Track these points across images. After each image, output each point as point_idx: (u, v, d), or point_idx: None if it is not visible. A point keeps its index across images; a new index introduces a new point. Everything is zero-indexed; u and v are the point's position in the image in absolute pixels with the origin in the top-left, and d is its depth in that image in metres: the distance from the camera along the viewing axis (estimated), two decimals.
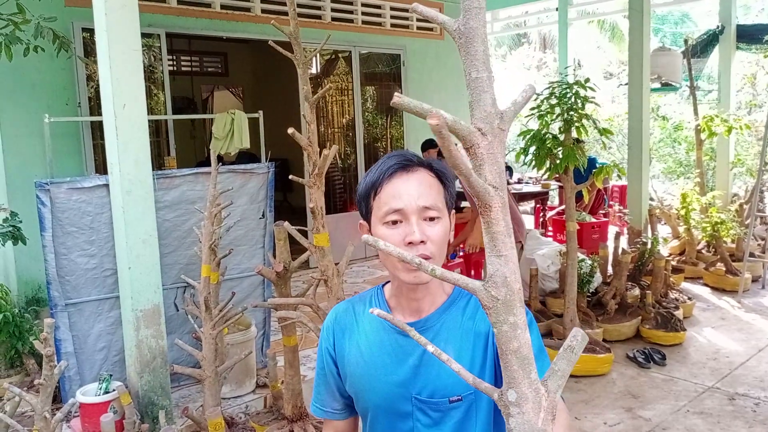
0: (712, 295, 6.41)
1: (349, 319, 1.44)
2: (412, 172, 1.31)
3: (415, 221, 1.27)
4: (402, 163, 1.32)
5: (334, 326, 1.45)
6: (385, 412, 1.37)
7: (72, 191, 3.64)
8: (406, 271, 1.29)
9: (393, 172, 1.31)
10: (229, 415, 3.88)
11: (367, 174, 1.37)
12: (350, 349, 1.41)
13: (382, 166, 1.34)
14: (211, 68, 12.36)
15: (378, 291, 1.46)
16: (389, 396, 1.35)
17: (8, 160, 5.54)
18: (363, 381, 1.38)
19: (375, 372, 1.36)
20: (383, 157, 1.38)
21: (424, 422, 1.33)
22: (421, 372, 1.32)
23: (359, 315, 1.44)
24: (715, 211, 6.91)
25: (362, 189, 1.36)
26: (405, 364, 1.33)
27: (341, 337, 1.43)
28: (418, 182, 1.30)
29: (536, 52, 17.32)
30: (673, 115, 11.68)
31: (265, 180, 4.25)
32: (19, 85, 5.55)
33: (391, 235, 1.28)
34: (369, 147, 8.68)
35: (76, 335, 3.90)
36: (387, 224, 1.29)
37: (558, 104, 4.93)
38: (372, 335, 1.39)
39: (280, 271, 3.15)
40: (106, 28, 3.37)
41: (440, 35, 9.04)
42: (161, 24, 6.41)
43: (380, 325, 1.38)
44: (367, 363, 1.38)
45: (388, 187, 1.31)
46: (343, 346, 1.42)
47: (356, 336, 1.41)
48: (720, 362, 4.77)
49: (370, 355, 1.37)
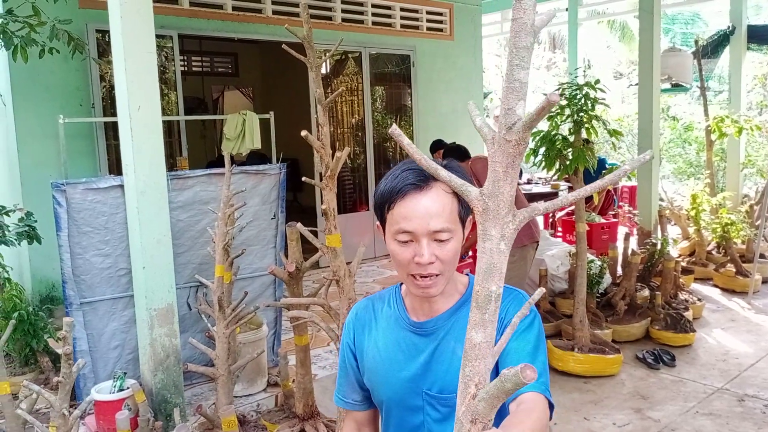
0: (722, 297, 6.40)
1: (368, 316, 1.51)
2: (425, 191, 1.30)
3: (425, 243, 1.29)
4: (416, 182, 1.31)
5: (354, 322, 1.53)
6: (397, 405, 1.43)
7: (87, 192, 3.69)
8: (416, 286, 1.33)
9: (407, 192, 1.30)
10: (241, 414, 3.93)
11: (383, 181, 1.38)
12: (368, 344, 1.48)
13: (397, 181, 1.33)
14: (221, 68, 12.43)
15: (396, 290, 1.51)
16: (401, 390, 1.41)
17: (23, 160, 5.61)
18: (378, 375, 1.44)
19: (389, 367, 1.42)
20: (399, 167, 1.37)
21: (434, 417, 1.39)
22: (432, 368, 1.37)
23: (378, 312, 1.50)
24: (725, 212, 6.90)
25: (378, 197, 1.37)
26: (416, 360, 1.39)
27: (361, 332, 1.50)
28: (431, 202, 1.29)
29: (546, 52, 17.29)
30: (683, 116, 11.65)
31: (277, 181, 4.29)
32: (34, 86, 5.63)
33: (401, 252, 1.32)
34: (378, 147, 8.72)
35: (91, 334, 3.96)
36: (398, 242, 1.32)
37: (568, 105, 4.95)
38: (388, 332, 1.45)
39: (293, 271, 3.19)
40: (122, 32, 3.42)
41: (450, 36, 9.07)
42: (174, 25, 6.47)
43: (396, 323, 1.45)
44: (383, 358, 1.44)
45: (400, 206, 1.31)
46: (362, 341, 1.49)
47: (374, 332, 1.48)
48: (729, 363, 4.77)
49: (386, 351, 1.44)
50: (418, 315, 1.43)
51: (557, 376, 4.62)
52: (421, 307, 1.42)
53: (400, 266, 1.35)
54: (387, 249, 1.38)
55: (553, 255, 5.93)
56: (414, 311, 1.44)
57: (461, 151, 5.17)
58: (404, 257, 1.31)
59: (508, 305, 1.38)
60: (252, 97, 12.71)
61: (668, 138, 11.06)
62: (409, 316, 1.44)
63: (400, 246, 1.32)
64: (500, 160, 0.77)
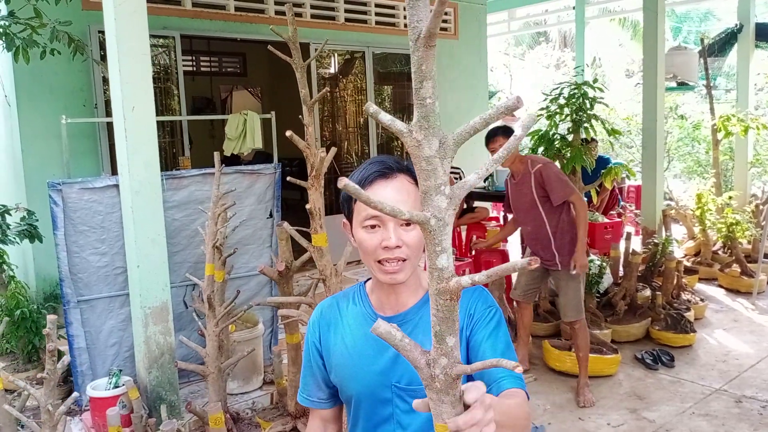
0: (726, 297, 6.35)
1: (333, 314, 1.53)
2: (391, 179, 1.38)
3: (392, 227, 1.35)
4: (382, 170, 1.39)
5: (319, 321, 1.55)
6: (367, 399, 1.46)
7: (83, 191, 3.74)
8: (383, 272, 1.37)
9: (373, 179, 1.38)
10: (236, 411, 3.96)
11: (351, 176, 1.43)
12: (335, 342, 1.50)
13: (363, 172, 1.41)
14: (230, 68, 12.52)
15: (360, 287, 1.54)
16: (371, 384, 1.44)
17: (27, 160, 5.69)
18: (347, 370, 1.47)
19: (358, 361, 1.45)
20: (365, 163, 1.45)
21: (402, 408, 1.42)
22: (400, 361, 1.40)
23: (343, 310, 1.53)
24: (730, 212, 6.84)
25: (344, 192, 1.42)
26: (385, 354, 1.42)
27: (326, 331, 1.52)
28: (397, 190, 1.37)
29: (555, 51, 17.21)
30: (692, 114, 11.54)
31: (273, 180, 4.32)
32: (37, 87, 5.70)
33: (369, 239, 1.37)
34: (383, 146, 8.73)
35: (89, 331, 4.01)
36: (366, 228, 1.37)
37: (567, 104, 4.94)
38: (356, 328, 1.48)
39: (282, 271, 3.22)
40: (116, 33, 3.46)
41: (455, 35, 9.06)
42: (176, 26, 6.52)
43: (363, 319, 1.48)
44: (351, 354, 1.47)
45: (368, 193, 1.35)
46: (328, 339, 1.51)
47: (341, 330, 1.50)
48: (729, 364, 4.74)
49: (354, 347, 1.46)
50: (384, 310, 1.46)
51: (554, 375, 4.61)
52: (388, 301, 1.45)
53: (367, 254, 1.39)
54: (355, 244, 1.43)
55: None
56: (381, 307, 1.47)
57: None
58: (372, 243, 1.36)
59: (476, 301, 1.43)
60: (260, 97, 12.78)
61: (677, 137, 10.97)
62: (375, 311, 1.47)
63: (368, 232, 1.37)
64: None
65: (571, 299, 4.22)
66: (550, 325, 5.33)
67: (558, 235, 4.19)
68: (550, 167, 4.17)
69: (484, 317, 1.41)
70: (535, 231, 4.27)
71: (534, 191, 4.14)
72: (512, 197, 4.38)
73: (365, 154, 8.65)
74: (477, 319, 1.41)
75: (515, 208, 4.39)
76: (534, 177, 4.12)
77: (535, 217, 4.22)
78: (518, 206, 4.33)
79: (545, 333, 5.27)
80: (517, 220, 4.53)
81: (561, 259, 4.19)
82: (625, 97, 13.67)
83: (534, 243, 4.31)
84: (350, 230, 1.45)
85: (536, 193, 4.14)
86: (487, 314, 1.41)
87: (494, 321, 1.41)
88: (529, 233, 4.37)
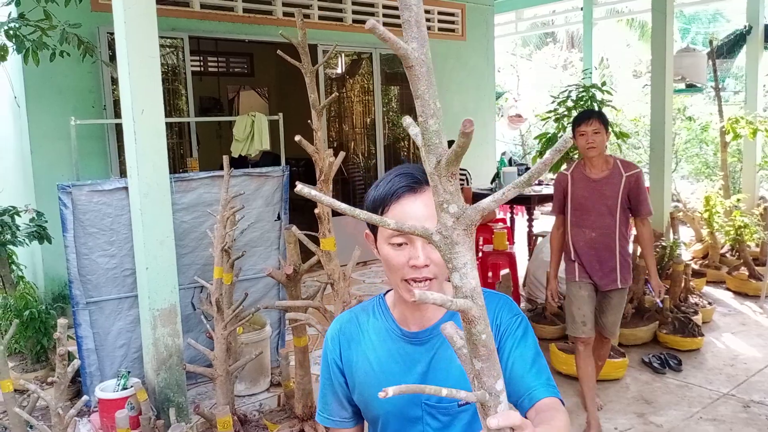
0: (734, 300, 6.33)
1: (353, 329, 1.47)
2: (419, 193, 1.31)
3: (419, 246, 1.28)
4: (410, 184, 1.31)
5: (339, 337, 1.47)
6: (395, 417, 1.40)
7: (93, 194, 3.76)
8: (408, 291, 1.31)
9: (401, 194, 1.31)
10: (243, 413, 3.98)
11: (376, 188, 1.37)
12: (357, 358, 1.43)
13: (390, 185, 1.33)
14: (237, 69, 12.55)
15: (380, 300, 1.48)
16: (399, 402, 1.38)
17: (36, 161, 5.72)
18: (373, 389, 1.40)
19: (385, 379, 1.38)
20: (392, 173, 1.37)
21: (433, 426, 1.37)
22: (430, 377, 1.35)
23: (363, 324, 1.46)
24: (738, 215, 6.81)
25: (371, 202, 1.36)
26: (413, 371, 1.37)
27: (347, 347, 1.46)
28: (425, 204, 1.30)
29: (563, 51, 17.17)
30: (701, 116, 11.50)
31: (280, 183, 4.33)
32: (46, 88, 5.73)
33: (396, 256, 1.31)
34: (390, 147, 8.74)
35: (97, 332, 4.03)
36: (392, 245, 1.31)
37: (575, 107, 4.93)
38: (379, 344, 1.42)
39: (290, 274, 3.22)
40: (125, 36, 3.47)
41: (462, 36, 9.05)
42: (184, 28, 6.54)
43: (387, 334, 1.42)
44: (376, 371, 1.40)
45: (395, 208, 1.31)
46: (350, 356, 1.45)
47: (363, 345, 1.44)
48: (737, 368, 4.72)
49: (379, 364, 1.40)
50: (409, 325, 1.40)
51: (561, 379, 4.60)
52: (413, 316, 1.39)
53: (393, 271, 1.33)
54: (379, 256, 1.36)
55: None
56: (405, 321, 1.41)
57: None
58: (399, 261, 1.30)
59: (500, 310, 1.38)
60: (267, 98, 12.80)
61: (685, 138, 10.93)
62: (400, 326, 1.41)
63: (395, 250, 1.31)
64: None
65: (619, 318, 3.94)
66: (558, 327, 5.32)
67: (622, 250, 3.76)
68: (642, 175, 3.77)
69: (510, 326, 1.36)
70: (601, 240, 3.74)
71: (620, 196, 3.68)
72: (585, 196, 3.75)
73: (372, 155, 8.66)
74: (504, 329, 1.36)
75: (585, 208, 3.76)
76: (627, 181, 3.66)
77: (608, 226, 3.73)
78: (591, 208, 3.74)
79: (551, 336, 5.26)
80: (581, 223, 3.81)
81: (622, 276, 3.77)
82: (632, 98, 13.62)
83: (593, 254, 3.77)
84: (374, 242, 1.39)
85: (621, 198, 3.68)
86: (514, 322, 1.37)
87: (521, 329, 1.36)
88: (591, 242, 3.77)
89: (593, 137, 3.59)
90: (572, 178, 3.80)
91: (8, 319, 4.53)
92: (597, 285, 3.80)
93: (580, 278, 3.82)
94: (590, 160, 3.71)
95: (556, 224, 3.97)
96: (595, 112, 3.74)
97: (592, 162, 3.71)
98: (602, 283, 3.78)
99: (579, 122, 3.66)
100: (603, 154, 3.70)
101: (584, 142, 3.62)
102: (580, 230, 3.81)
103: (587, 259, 3.79)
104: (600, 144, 3.61)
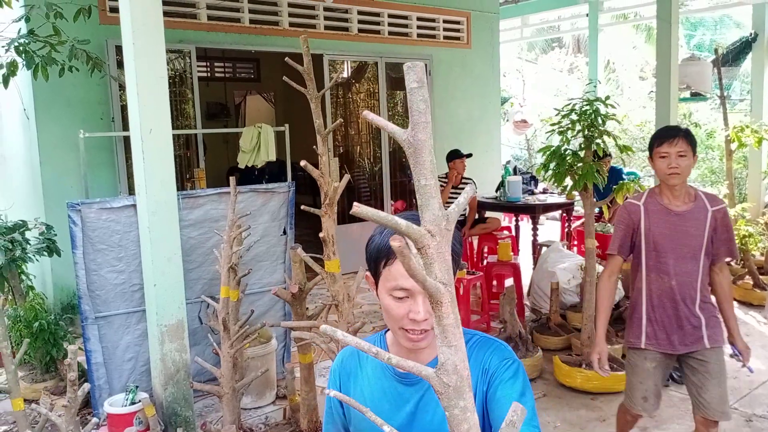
0: (738, 310, 6.31)
1: (353, 363, 1.52)
2: None
3: (420, 300, 1.32)
4: None
5: (340, 370, 1.54)
6: None
7: (102, 211, 3.82)
8: (407, 339, 1.37)
9: None
10: (249, 426, 4.03)
11: (380, 234, 1.40)
12: (354, 393, 1.49)
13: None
14: (244, 74, 12.63)
15: (381, 338, 1.53)
16: None
17: (45, 173, 5.79)
18: (365, 423, 1.46)
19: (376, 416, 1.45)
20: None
21: None
22: (417, 418, 1.40)
23: (363, 360, 1.51)
24: (743, 224, 6.82)
25: (374, 251, 1.39)
26: (402, 410, 1.42)
27: (347, 380, 1.52)
28: None
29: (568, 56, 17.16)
30: (706, 122, 11.50)
31: (286, 198, 4.38)
32: (56, 101, 5.80)
33: (396, 308, 1.35)
34: (394, 154, 8.79)
35: (106, 346, 4.09)
36: (393, 297, 1.35)
37: (579, 120, 4.95)
38: (374, 381, 1.48)
39: (296, 293, 3.27)
40: (134, 57, 3.53)
41: (467, 44, 9.08)
42: (192, 40, 6.61)
43: (382, 372, 1.47)
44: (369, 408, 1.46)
45: (398, 263, 1.35)
46: (348, 389, 1.51)
47: (360, 381, 1.50)
48: (740, 381, 4.73)
49: (372, 401, 1.46)
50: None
51: (564, 391, 4.63)
52: (408, 356, 1.42)
53: (393, 321, 1.37)
54: (378, 299, 1.40)
55: (564, 268, 5.93)
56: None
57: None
58: (399, 313, 1.34)
59: (491, 355, 1.42)
60: (274, 103, 12.87)
61: None
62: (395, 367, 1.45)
63: (396, 302, 1.35)
64: (447, 249, 0.83)
65: (725, 388, 3.12)
66: (561, 338, 5.35)
67: (706, 299, 3.04)
68: (728, 211, 3.12)
69: (499, 369, 1.39)
70: (682, 291, 2.98)
71: (706, 235, 2.95)
72: (664, 234, 2.98)
73: (377, 159, 8.69)
74: (492, 373, 1.39)
75: (663, 249, 2.99)
76: (713, 217, 2.95)
77: (691, 271, 2.97)
78: (670, 249, 2.98)
79: (555, 347, 5.28)
80: (659, 268, 3.01)
81: (710, 333, 3.05)
82: (639, 102, 13.62)
83: (671, 309, 3.02)
84: (374, 286, 1.43)
85: (707, 238, 2.95)
86: (502, 366, 1.40)
87: (510, 371, 1.39)
88: (670, 293, 3.01)
89: (678, 161, 2.88)
90: (646, 211, 3.00)
91: (18, 330, 4.59)
92: (674, 348, 3.06)
93: (647, 345, 3.08)
94: (671, 189, 2.96)
95: (610, 269, 3.16)
96: (681, 129, 2.99)
97: (673, 192, 2.96)
98: (685, 343, 3.04)
99: (660, 141, 2.95)
100: (684, 189, 2.99)
101: (665, 166, 2.90)
102: (657, 277, 3.01)
103: (662, 316, 3.04)
104: (686, 170, 2.90)
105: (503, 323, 4.99)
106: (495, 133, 9.64)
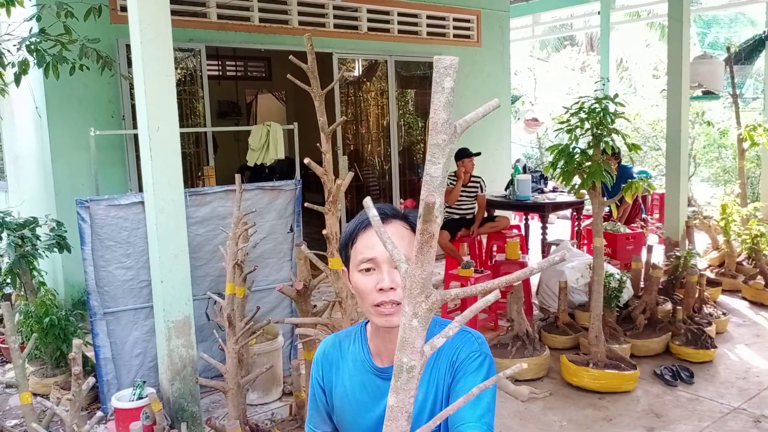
0: (749, 310, 6.28)
1: (336, 354, 1.57)
2: (386, 224, 1.42)
3: (386, 270, 1.40)
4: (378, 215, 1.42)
5: (322, 360, 1.59)
6: None
7: (110, 208, 3.86)
8: (379, 315, 1.41)
9: (368, 224, 1.43)
10: (255, 422, 4.05)
11: (347, 226, 1.51)
12: (336, 384, 1.54)
13: (359, 218, 1.47)
14: (255, 73, 12.68)
15: (361, 328, 1.57)
16: (369, 431, 1.49)
17: (56, 171, 5.85)
18: (345, 415, 1.52)
19: (356, 408, 1.50)
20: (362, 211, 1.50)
21: None
22: None
23: (345, 351, 1.56)
24: (755, 224, 6.76)
25: (342, 239, 1.50)
26: (382, 402, 1.46)
27: (329, 371, 1.57)
28: (391, 233, 1.39)
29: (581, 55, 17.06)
30: (719, 120, 11.40)
31: (293, 196, 4.40)
32: (67, 99, 5.86)
33: (364, 281, 1.42)
34: (405, 152, 8.79)
35: (114, 342, 4.13)
36: (361, 271, 1.42)
37: (588, 119, 4.92)
38: (355, 374, 1.52)
39: (301, 289, 3.29)
40: (142, 56, 3.56)
41: (477, 42, 9.06)
42: (202, 39, 6.64)
43: (362, 365, 1.51)
44: (350, 400, 1.51)
45: (363, 237, 1.44)
46: (330, 379, 1.56)
47: (342, 373, 1.54)
48: (749, 382, 4.70)
49: (353, 392, 1.51)
50: (382, 359, 1.49)
51: (571, 391, 4.61)
52: (386, 349, 1.47)
53: (363, 297, 1.43)
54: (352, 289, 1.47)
55: (573, 267, 5.91)
56: (378, 355, 1.50)
57: None
58: (367, 285, 1.40)
59: (460, 347, 1.44)
60: (285, 101, 12.92)
61: (703, 143, 10.85)
62: (373, 360, 1.50)
63: (363, 275, 1.42)
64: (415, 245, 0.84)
65: None
66: (569, 337, 5.33)
67: None
68: None
69: (465, 361, 1.41)
70: None
71: None
72: None
73: (387, 158, 8.70)
74: (458, 365, 1.42)
75: None
76: None
77: None
78: None
79: (563, 346, 5.27)
80: None
81: None
82: (652, 101, 13.52)
83: None
84: (347, 276, 1.50)
85: None
86: (469, 358, 1.41)
87: (475, 363, 1.40)
88: None
89: None
90: None
91: (29, 326, 4.65)
92: None
93: None
94: None
95: None
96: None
97: None
98: None
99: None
100: None
101: None
102: None
103: None
104: None
105: (510, 322, 4.99)
106: (505, 131, 9.62)
